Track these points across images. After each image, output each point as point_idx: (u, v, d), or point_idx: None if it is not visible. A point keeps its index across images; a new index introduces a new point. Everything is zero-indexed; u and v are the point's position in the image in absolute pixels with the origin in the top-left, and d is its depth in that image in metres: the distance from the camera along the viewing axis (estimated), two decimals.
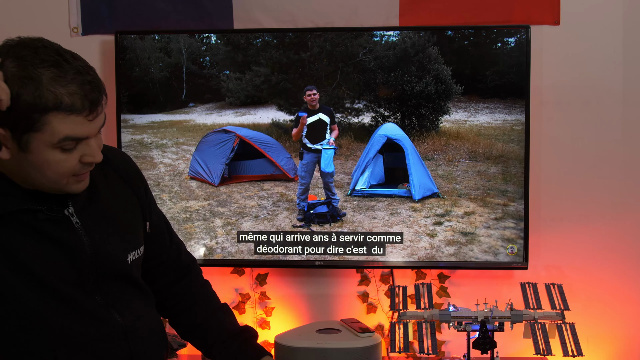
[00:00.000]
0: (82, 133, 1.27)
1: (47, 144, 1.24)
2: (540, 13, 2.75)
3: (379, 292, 2.84)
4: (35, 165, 1.26)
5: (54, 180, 1.29)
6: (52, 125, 1.22)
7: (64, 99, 1.21)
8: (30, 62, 1.21)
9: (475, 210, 2.69)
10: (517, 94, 2.65)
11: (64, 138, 1.24)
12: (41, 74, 1.20)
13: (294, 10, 2.80)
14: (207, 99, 2.76)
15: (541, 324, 2.41)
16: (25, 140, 1.23)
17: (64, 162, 1.27)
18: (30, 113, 1.21)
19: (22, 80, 1.20)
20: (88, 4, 2.85)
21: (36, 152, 1.24)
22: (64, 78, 1.22)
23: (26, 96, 1.20)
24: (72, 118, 1.23)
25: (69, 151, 1.27)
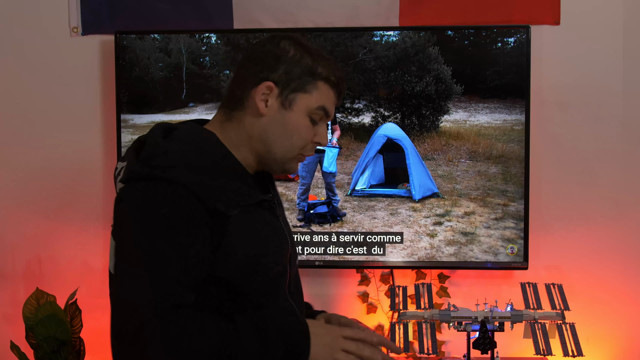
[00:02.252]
0: (331, 109, 1.41)
1: (307, 107, 1.37)
2: (541, 13, 2.75)
3: (379, 292, 2.84)
4: (286, 125, 1.37)
5: (292, 148, 1.39)
6: (319, 91, 1.38)
7: (331, 75, 1.38)
8: (303, 44, 1.39)
9: (475, 210, 2.69)
10: (517, 94, 2.65)
11: (321, 107, 1.38)
12: (312, 52, 1.39)
13: (294, 10, 2.80)
14: (207, 99, 2.76)
15: (541, 324, 2.41)
16: (291, 98, 1.36)
17: (307, 131, 1.39)
18: (306, 75, 1.37)
19: (302, 51, 1.37)
20: (88, 4, 2.84)
21: (295, 112, 1.37)
22: (327, 60, 1.40)
23: (305, 62, 1.37)
24: (331, 94, 1.40)
25: (313, 124, 1.39)
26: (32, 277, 2.90)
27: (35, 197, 2.90)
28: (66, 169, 2.88)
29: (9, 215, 2.90)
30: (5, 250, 2.93)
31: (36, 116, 2.89)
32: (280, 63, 1.37)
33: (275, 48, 1.38)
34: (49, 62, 2.88)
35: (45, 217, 2.89)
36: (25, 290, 2.81)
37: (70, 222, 2.89)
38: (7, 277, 2.93)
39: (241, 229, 1.30)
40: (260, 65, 1.37)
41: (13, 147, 2.91)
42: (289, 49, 1.37)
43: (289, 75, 1.37)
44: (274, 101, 1.37)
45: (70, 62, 2.87)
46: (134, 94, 2.76)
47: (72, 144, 2.88)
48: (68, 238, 2.89)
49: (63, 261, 2.90)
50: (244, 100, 1.38)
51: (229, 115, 1.40)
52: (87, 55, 2.87)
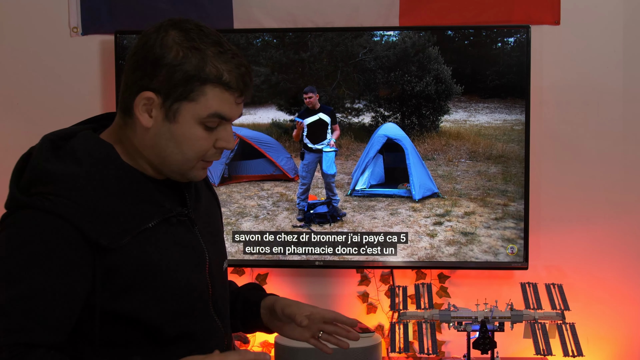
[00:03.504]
0: (229, 113, 1.24)
1: (196, 116, 1.22)
2: (541, 13, 2.75)
3: (379, 292, 2.83)
4: (175, 138, 1.23)
5: (186, 160, 1.25)
6: (207, 98, 1.21)
7: (224, 74, 1.21)
8: (196, 35, 1.22)
9: (475, 210, 2.69)
10: (517, 93, 2.65)
11: (213, 114, 1.22)
12: (206, 48, 1.21)
13: (294, 10, 2.80)
14: None
15: (541, 324, 2.41)
16: (175, 109, 1.22)
17: (202, 141, 1.24)
18: (189, 81, 1.20)
19: (187, 49, 1.20)
20: (88, 4, 2.85)
21: (182, 124, 1.22)
22: (225, 55, 1.22)
23: (189, 65, 1.20)
24: (226, 95, 1.22)
25: (209, 130, 1.24)
26: None
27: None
28: None
29: None
30: None
31: (36, 116, 2.89)
32: (159, 68, 1.20)
33: (157, 47, 1.21)
34: (49, 62, 2.88)
35: None
36: None
37: None
38: None
39: (135, 259, 1.20)
40: (140, 71, 1.22)
41: (13, 147, 2.90)
42: (171, 46, 1.20)
43: (170, 83, 1.20)
44: (158, 112, 1.22)
45: (70, 62, 2.87)
46: None
47: None
48: None
49: None
50: (131, 109, 1.24)
51: (124, 120, 1.27)
52: (87, 55, 2.86)
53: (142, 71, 1.22)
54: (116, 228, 1.19)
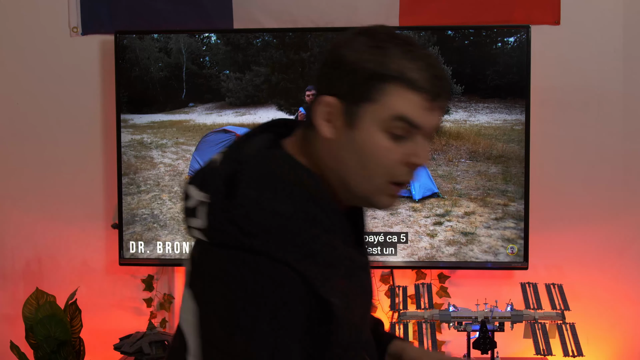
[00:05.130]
0: (417, 118, 1.07)
1: (378, 120, 1.06)
2: (541, 13, 2.75)
3: (379, 292, 2.83)
4: (356, 148, 1.07)
5: (371, 177, 1.09)
6: (389, 98, 1.06)
7: (407, 71, 1.06)
8: (382, 36, 1.09)
9: (475, 210, 2.69)
10: (517, 93, 2.65)
11: (398, 116, 1.06)
12: (391, 46, 1.07)
13: (294, 10, 2.80)
14: (207, 99, 2.75)
15: (541, 324, 2.41)
16: (355, 112, 1.07)
17: (388, 152, 1.07)
18: (369, 80, 1.06)
19: (369, 48, 1.07)
20: (88, 4, 2.85)
21: (363, 129, 1.07)
22: (413, 53, 1.07)
23: (370, 62, 1.06)
24: (411, 96, 1.06)
25: (396, 140, 1.07)
26: (32, 277, 2.91)
27: (36, 197, 2.90)
28: (66, 169, 2.88)
29: (9, 215, 2.90)
30: (5, 250, 2.93)
31: (36, 116, 2.89)
32: (339, 69, 1.08)
33: (340, 50, 1.09)
34: (49, 62, 2.88)
35: (45, 217, 2.89)
36: (25, 290, 2.81)
37: (70, 222, 2.88)
38: (7, 277, 2.93)
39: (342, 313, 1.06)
40: (323, 76, 1.11)
41: (13, 146, 2.91)
42: (355, 47, 1.08)
43: (350, 83, 1.07)
44: (339, 119, 1.08)
45: (70, 62, 2.87)
46: (134, 94, 2.76)
47: (72, 144, 2.88)
48: (68, 238, 2.89)
49: (63, 261, 2.90)
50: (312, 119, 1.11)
51: (306, 134, 1.13)
52: (87, 55, 2.86)
53: (324, 76, 1.11)
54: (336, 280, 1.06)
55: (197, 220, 1.08)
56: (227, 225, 1.04)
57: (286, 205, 1.06)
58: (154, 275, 2.86)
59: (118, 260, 2.76)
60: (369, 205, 1.15)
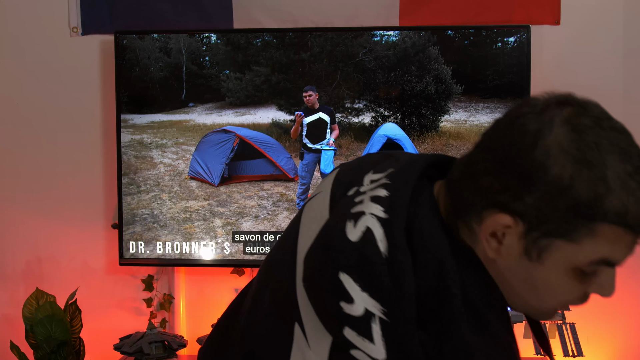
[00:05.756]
0: (620, 259, 0.86)
1: (571, 262, 0.83)
2: (541, 13, 2.75)
3: None
4: (533, 282, 0.86)
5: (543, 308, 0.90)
6: (597, 239, 0.81)
7: (630, 211, 0.79)
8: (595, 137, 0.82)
9: None
10: (517, 93, 2.65)
11: (600, 260, 0.84)
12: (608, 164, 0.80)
13: (294, 10, 2.80)
14: (207, 99, 2.75)
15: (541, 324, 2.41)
16: (542, 246, 0.83)
17: (569, 292, 0.87)
18: (576, 215, 0.80)
19: (578, 163, 0.80)
20: (88, 4, 2.85)
21: (548, 267, 0.84)
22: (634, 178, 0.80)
23: (581, 191, 0.79)
24: (623, 237, 0.82)
25: (583, 277, 0.85)
26: (32, 277, 2.91)
27: (35, 197, 2.90)
28: (66, 169, 2.89)
29: (9, 215, 2.90)
30: (5, 250, 2.93)
31: (36, 116, 2.89)
32: (533, 185, 0.81)
33: (533, 149, 0.81)
34: (49, 62, 2.88)
35: (45, 217, 2.89)
36: (25, 290, 2.82)
37: (70, 222, 2.88)
38: (7, 277, 2.93)
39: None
40: (501, 179, 0.83)
41: (13, 147, 2.91)
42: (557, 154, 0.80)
43: (545, 210, 0.81)
44: (514, 242, 0.84)
45: (70, 62, 2.87)
46: (134, 93, 2.76)
47: (72, 144, 2.88)
48: (68, 238, 2.89)
49: (63, 261, 2.90)
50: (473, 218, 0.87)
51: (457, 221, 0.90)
52: (87, 55, 2.87)
53: (503, 180, 0.83)
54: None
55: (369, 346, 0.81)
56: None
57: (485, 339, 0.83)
58: (154, 275, 2.86)
59: (118, 260, 2.76)
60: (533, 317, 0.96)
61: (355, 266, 0.82)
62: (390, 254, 0.82)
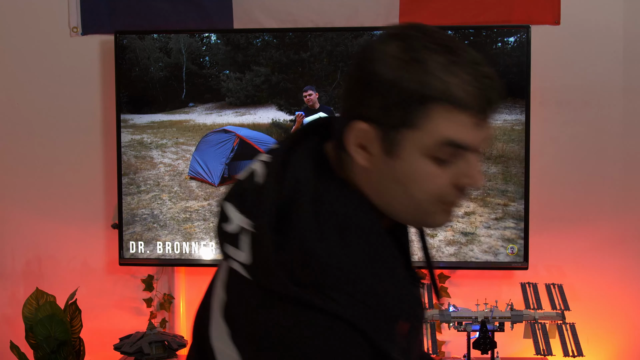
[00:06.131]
0: (466, 140, 0.95)
1: (421, 147, 0.94)
2: (541, 13, 2.75)
3: None
4: (399, 178, 0.96)
5: (417, 204, 0.98)
6: (433, 121, 0.93)
7: (452, 89, 0.92)
8: (419, 43, 0.94)
9: (475, 210, 2.69)
10: (517, 93, 2.65)
11: (444, 141, 0.94)
12: (429, 58, 0.93)
13: (294, 10, 2.80)
14: (207, 99, 2.75)
15: (541, 324, 2.41)
16: (394, 140, 0.95)
17: (434, 178, 0.96)
18: (408, 103, 0.93)
19: (405, 64, 0.93)
20: (88, 4, 2.85)
21: (405, 158, 0.95)
22: (456, 64, 0.93)
23: (407, 82, 0.93)
24: (458, 116, 0.93)
25: (442, 164, 0.95)
26: (32, 277, 2.91)
27: (35, 197, 2.90)
28: (66, 169, 2.89)
29: (9, 215, 2.91)
30: (5, 250, 2.93)
31: (36, 116, 2.89)
32: (371, 89, 0.95)
33: (374, 64, 0.95)
34: (49, 62, 2.88)
35: (45, 217, 2.89)
36: (25, 290, 2.82)
37: (70, 222, 2.88)
38: (7, 277, 2.93)
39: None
40: (352, 95, 0.98)
41: (13, 147, 2.91)
42: (388, 60, 0.94)
43: (385, 107, 0.94)
44: (376, 147, 0.97)
45: (70, 62, 2.87)
46: (133, 93, 2.76)
47: (72, 144, 2.88)
48: (68, 238, 2.89)
49: (63, 261, 2.90)
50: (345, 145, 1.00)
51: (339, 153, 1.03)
52: (87, 55, 2.87)
53: (354, 95, 0.98)
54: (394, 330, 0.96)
55: (239, 253, 0.97)
56: (278, 270, 0.92)
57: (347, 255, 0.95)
58: (154, 275, 2.86)
59: (118, 260, 2.76)
60: (423, 226, 1.07)
61: (235, 194, 1.02)
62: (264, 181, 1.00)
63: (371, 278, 0.95)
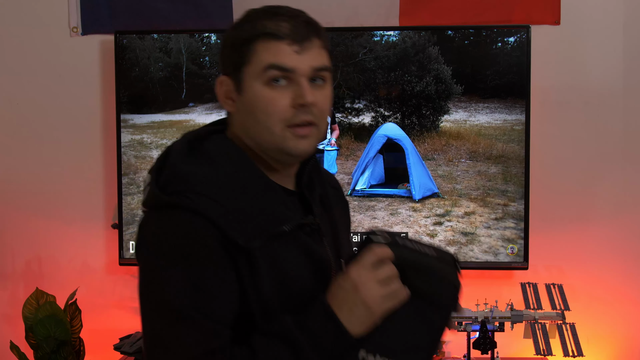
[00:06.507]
0: (287, 63, 1.18)
1: (255, 76, 1.18)
2: (541, 13, 2.75)
3: None
4: (249, 109, 1.19)
5: (267, 128, 1.18)
6: (258, 53, 1.18)
7: (270, 27, 1.19)
8: (253, 10, 1.24)
9: (475, 210, 2.69)
10: (517, 93, 2.65)
11: (268, 65, 1.17)
12: (256, 16, 1.22)
13: None
14: (207, 99, 2.75)
15: (541, 324, 2.41)
16: (239, 78, 1.20)
17: (272, 101, 1.18)
18: (241, 46, 1.20)
19: (242, 23, 1.23)
20: (88, 4, 2.84)
21: (247, 90, 1.19)
22: (276, 15, 1.21)
23: (240, 32, 1.21)
24: (276, 44, 1.18)
25: (277, 87, 1.18)
26: (32, 277, 2.90)
27: (35, 197, 2.90)
28: (66, 169, 2.88)
29: (9, 215, 2.90)
30: (5, 250, 2.93)
31: (36, 116, 2.89)
32: (224, 49, 1.24)
33: (225, 33, 1.26)
34: (49, 62, 2.88)
35: (45, 217, 2.89)
36: (25, 290, 2.81)
37: (70, 222, 2.88)
38: (7, 277, 2.93)
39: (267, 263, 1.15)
40: (219, 61, 1.28)
41: (13, 147, 2.90)
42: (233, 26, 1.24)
43: (232, 57, 1.22)
44: (234, 93, 1.22)
45: (70, 62, 2.87)
46: (133, 93, 2.76)
47: (72, 143, 2.88)
48: (68, 238, 2.89)
49: (63, 261, 2.90)
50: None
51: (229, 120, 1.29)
52: (87, 55, 2.86)
53: (219, 61, 1.26)
54: (253, 228, 1.14)
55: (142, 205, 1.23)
56: (154, 189, 1.18)
57: (204, 168, 1.18)
58: None
59: (118, 260, 2.76)
60: (288, 155, 1.22)
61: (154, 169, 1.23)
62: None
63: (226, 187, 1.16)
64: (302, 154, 1.22)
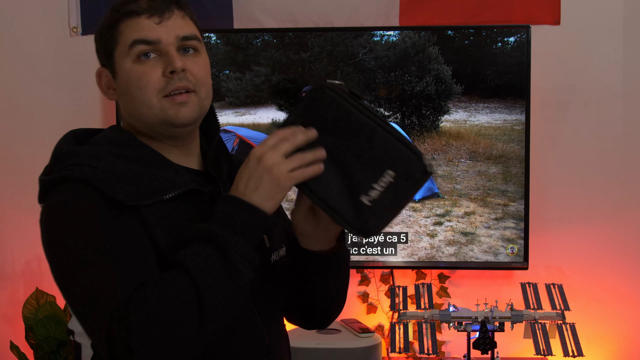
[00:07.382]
0: (149, 35, 1.21)
1: (123, 55, 1.22)
2: (541, 13, 2.75)
3: (379, 293, 2.84)
4: (126, 90, 1.23)
5: (144, 102, 1.21)
6: (123, 33, 1.22)
7: (128, 7, 1.23)
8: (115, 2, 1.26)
9: (475, 210, 2.69)
10: (517, 93, 2.65)
11: (132, 41, 1.20)
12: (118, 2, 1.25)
13: (294, 10, 2.80)
14: None
15: (541, 324, 2.41)
16: (111, 63, 1.24)
17: (144, 75, 1.20)
18: (107, 30, 1.24)
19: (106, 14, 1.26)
20: (88, 4, 2.84)
21: (120, 71, 1.23)
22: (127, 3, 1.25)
23: (105, 20, 1.25)
24: (137, 20, 1.21)
25: (147, 62, 1.21)
26: (31, 277, 2.90)
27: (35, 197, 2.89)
28: None
29: (9, 215, 2.90)
30: (5, 250, 2.93)
31: (36, 116, 2.89)
32: (96, 42, 1.27)
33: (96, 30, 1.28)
34: (49, 62, 2.88)
35: None
36: (25, 290, 2.81)
37: None
38: (7, 277, 2.93)
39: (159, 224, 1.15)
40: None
41: (13, 147, 2.90)
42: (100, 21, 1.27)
43: (101, 46, 1.26)
44: (112, 80, 1.26)
45: (70, 62, 2.87)
46: None
47: None
48: None
49: None
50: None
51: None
52: (86, 56, 2.82)
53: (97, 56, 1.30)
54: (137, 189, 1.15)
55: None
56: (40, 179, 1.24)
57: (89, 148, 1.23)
58: None
59: None
60: (172, 125, 1.22)
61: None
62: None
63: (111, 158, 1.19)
64: (184, 121, 1.22)
